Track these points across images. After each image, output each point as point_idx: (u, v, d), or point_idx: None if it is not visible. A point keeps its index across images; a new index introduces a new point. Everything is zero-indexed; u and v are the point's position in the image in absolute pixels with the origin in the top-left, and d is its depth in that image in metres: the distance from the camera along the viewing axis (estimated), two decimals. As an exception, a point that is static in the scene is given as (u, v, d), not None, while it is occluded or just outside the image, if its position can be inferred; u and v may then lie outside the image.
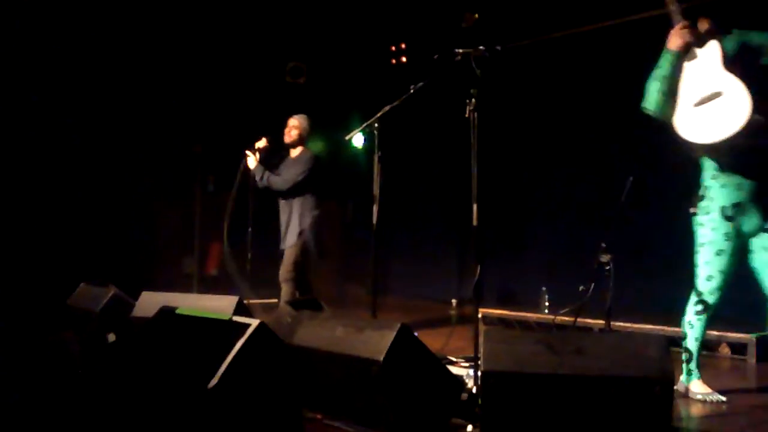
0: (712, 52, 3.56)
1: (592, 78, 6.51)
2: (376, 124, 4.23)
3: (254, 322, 2.88)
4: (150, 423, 2.87)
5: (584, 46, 6.54)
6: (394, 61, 8.60)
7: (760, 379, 3.84)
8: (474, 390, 3.31)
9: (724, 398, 3.68)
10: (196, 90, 7.59)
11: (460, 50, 3.75)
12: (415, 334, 3.12)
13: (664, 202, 5.91)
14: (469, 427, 3.11)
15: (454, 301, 7.89)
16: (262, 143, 5.42)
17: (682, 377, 3.80)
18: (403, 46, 8.53)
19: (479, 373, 2.98)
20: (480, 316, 3.99)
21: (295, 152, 5.49)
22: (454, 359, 4.15)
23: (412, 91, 4.06)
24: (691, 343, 3.75)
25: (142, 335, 3.36)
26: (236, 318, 2.99)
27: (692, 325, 3.74)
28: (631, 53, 6.16)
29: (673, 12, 3.66)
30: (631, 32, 6.15)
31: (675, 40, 3.63)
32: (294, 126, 5.44)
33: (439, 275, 7.94)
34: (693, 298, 3.73)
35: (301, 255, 5.27)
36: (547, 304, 6.23)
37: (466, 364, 3.93)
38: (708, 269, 3.65)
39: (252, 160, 5.37)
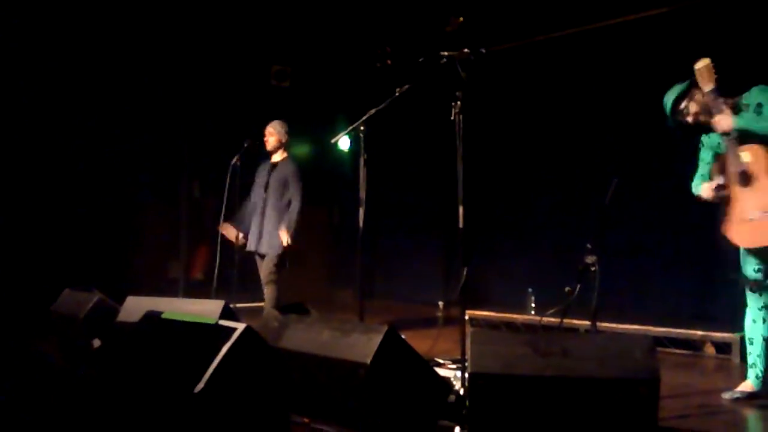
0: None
1: (577, 80, 6.54)
2: (361, 127, 4.23)
3: (240, 326, 2.87)
4: (136, 428, 2.85)
5: (569, 49, 6.58)
6: (379, 64, 8.60)
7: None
8: (461, 392, 3.31)
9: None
10: (182, 94, 7.55)
11: (446, 53, 3.75)
12: (402, 336, 3.12)
13: (650, 203, 5.96)
14: (457, 429, 3.11)
15: (440, 303, 7.89)
16: None
17: None
18: (389, 49, 8.53)
19: (466, 375, 2.98)
20: (466, 318, 3.99)
21: (276, 157, 5.65)
22: (441, 361, 4.14)
23: (397, 93, 4.06)
24: None
25: (127, 340, 3.34)
26: (222, 322, 2.98)
27: None
28: (616, 56, 6.23)
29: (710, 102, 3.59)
30: (617, 35, 6.20)
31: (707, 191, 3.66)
32: (269, 133, 5.66)
33: (426, 277, 7.94)
34: None
35: (282, 259, 5.43)
36: (533, 305, 6.25)
37: (454, 366, 3.93)
38: None
39: (284, 237, 5.39)
